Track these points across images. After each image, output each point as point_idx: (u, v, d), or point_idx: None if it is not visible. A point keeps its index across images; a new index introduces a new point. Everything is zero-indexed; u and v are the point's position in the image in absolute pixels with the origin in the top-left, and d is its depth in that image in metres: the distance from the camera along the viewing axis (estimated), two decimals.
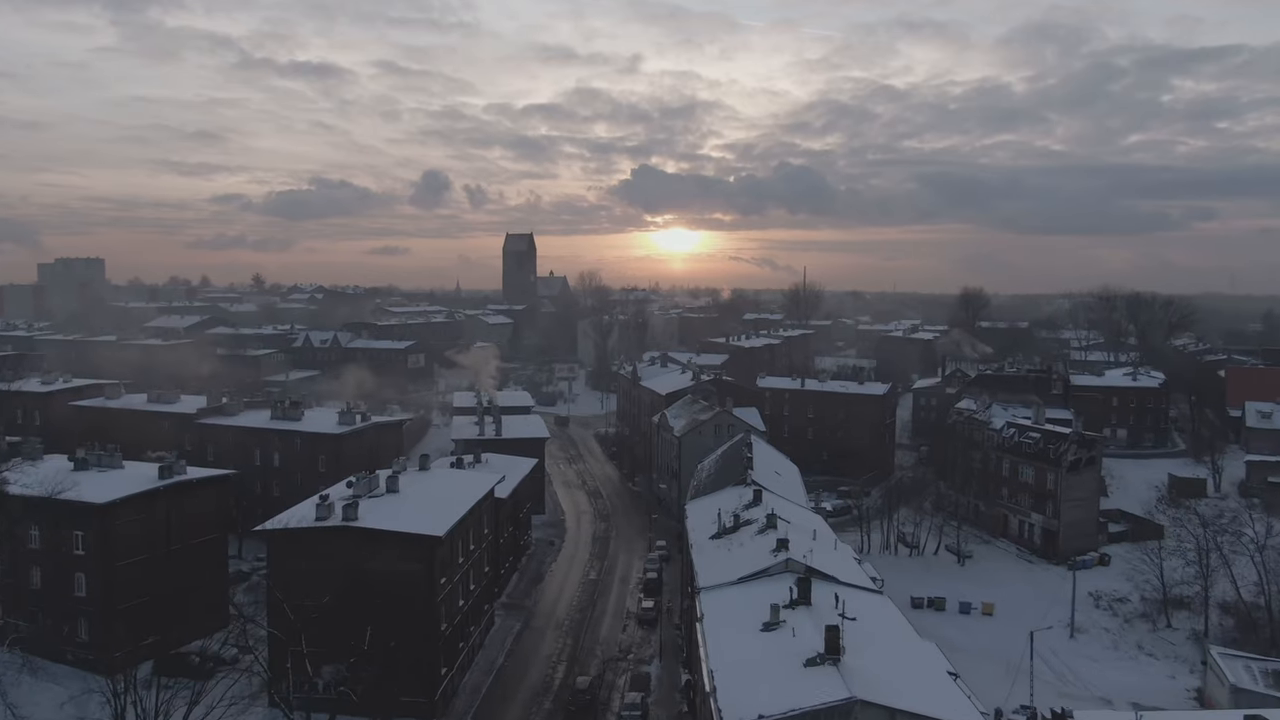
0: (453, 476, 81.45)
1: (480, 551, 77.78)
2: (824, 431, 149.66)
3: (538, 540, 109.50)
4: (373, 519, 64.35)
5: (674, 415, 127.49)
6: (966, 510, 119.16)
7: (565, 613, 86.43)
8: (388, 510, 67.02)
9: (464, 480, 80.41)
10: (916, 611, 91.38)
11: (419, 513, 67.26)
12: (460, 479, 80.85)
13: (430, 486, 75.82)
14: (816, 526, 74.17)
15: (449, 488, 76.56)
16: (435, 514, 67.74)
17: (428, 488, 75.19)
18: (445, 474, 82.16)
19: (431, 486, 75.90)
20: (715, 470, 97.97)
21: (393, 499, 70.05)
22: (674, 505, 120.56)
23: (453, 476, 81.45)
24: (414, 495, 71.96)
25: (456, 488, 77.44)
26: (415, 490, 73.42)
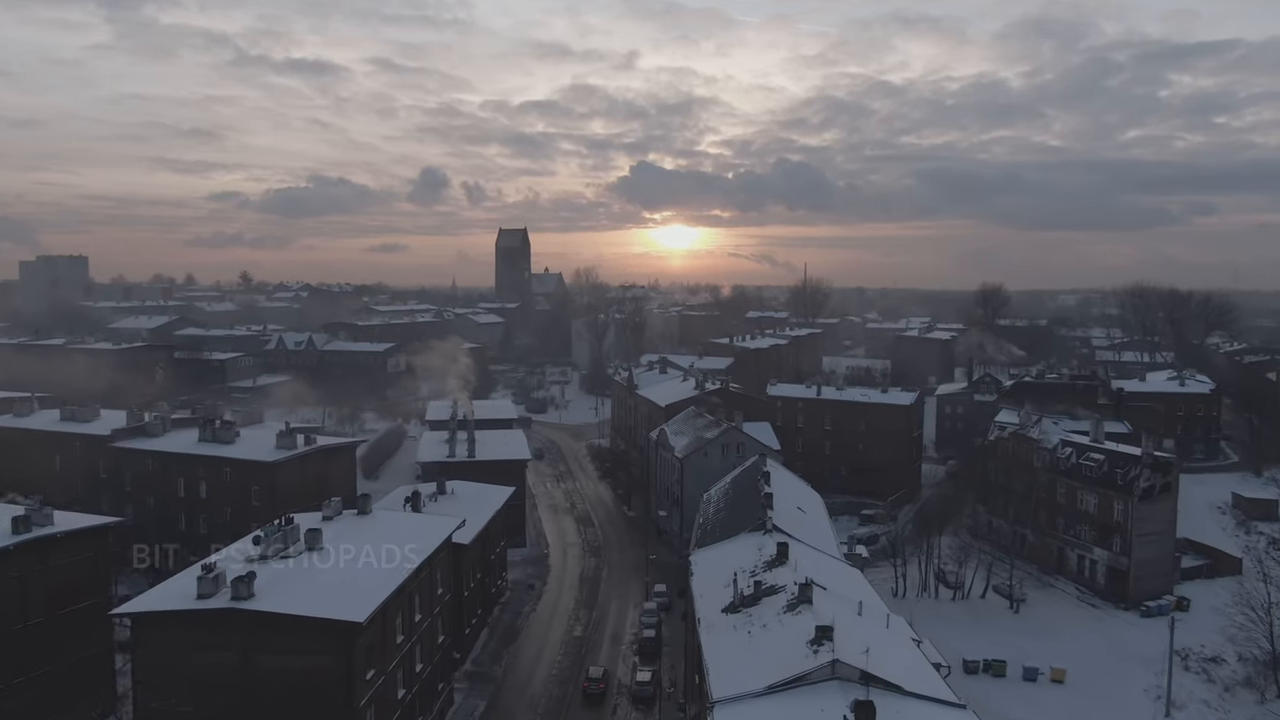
0: (397, 524, 65.18)
1: (431, 620, 61.55)
2: (843, 445, 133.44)
3: (515, 582, 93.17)
4: (274, 597, 48.09)
5: (675, 431, 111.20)
6: (1012, 541, 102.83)
7: (542, 686, 70.16)
8: (298, 582, 50.74)
9: (411, 529, 64.13)
10: (971, 678, 75.20)
11: (341, 585, 51.05)
12: (406, 527, 64.58)
13: (365, 540, 59.50)
14: (861, 594, 57.99)
15: (389, 540, 60.24)
16: (363, 585, 51.50)
17: (361, 543, 58.87)
18: (389, 519, 65.94)
19: (367, 540, 59.59)
20: (725, 502, 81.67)
21: (310, 563, 53.73)
22: (675, 538, 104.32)
23: (397, 524, 65.18)
24: (341, 555, 55.65)
25: (400, 539, 61.10)
26: (344, 547, 57.10)
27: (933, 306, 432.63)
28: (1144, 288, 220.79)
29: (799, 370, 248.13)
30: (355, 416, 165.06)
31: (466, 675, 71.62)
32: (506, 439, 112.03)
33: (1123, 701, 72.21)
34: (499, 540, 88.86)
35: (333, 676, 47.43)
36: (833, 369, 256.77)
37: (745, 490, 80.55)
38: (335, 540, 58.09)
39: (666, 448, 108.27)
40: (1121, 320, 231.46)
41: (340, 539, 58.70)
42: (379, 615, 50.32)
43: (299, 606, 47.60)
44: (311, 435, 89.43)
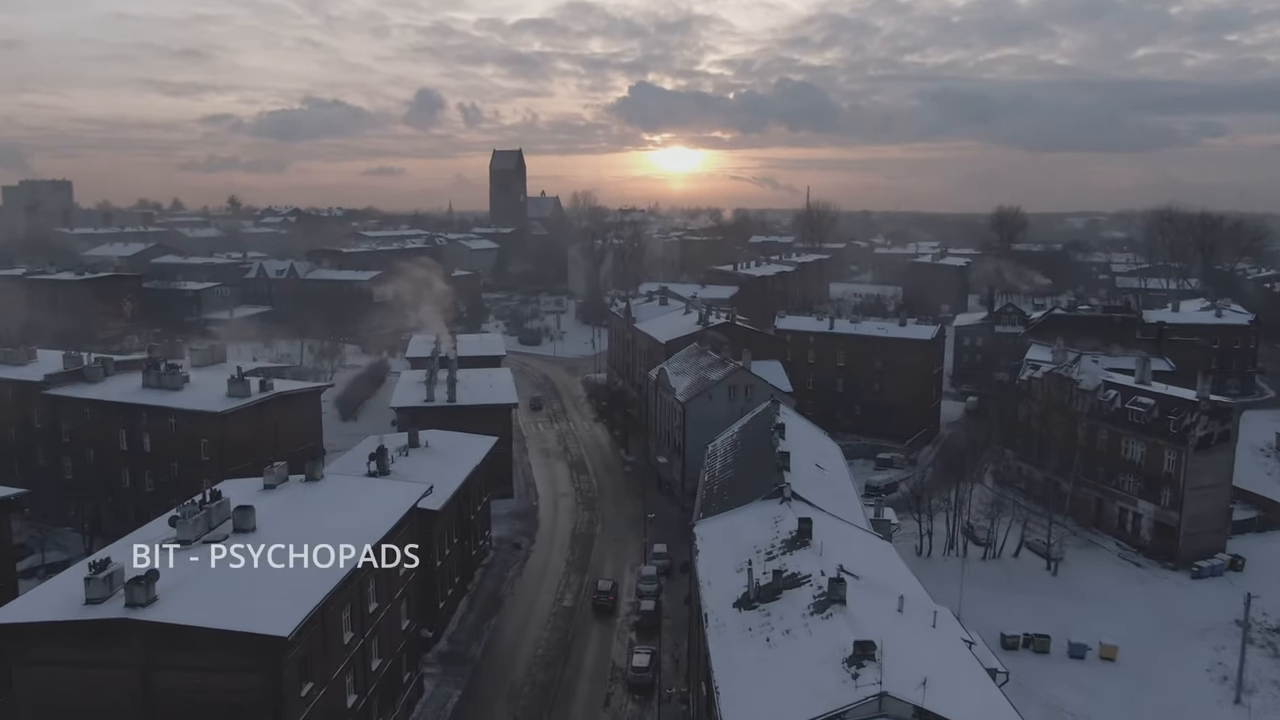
0: (352, 493, 55.62)
1: (392, 606, 52.55)
2: (857, 383, 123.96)
3: (501, 541, 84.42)
4: (182, 602, 38.84)
5: (676, 371, 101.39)
6: (1045, 491, 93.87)
7: (524, 670, 61.64)
8: (216, 580, 41.43)
9: (368, 500, 54.67)
10: (1010, 655, 66.71)
11: (270, 582, 41.71)
12: (362, 497, 55.06)
13: (310, 517, 50.14)
14: (897, 579, 48.96)
15: (340, 517, 50.88)
16: (298, 583, 42.19)
17: (306, 520, 49.55)
18: (342, 488, 56.36)
19: (312, 517, 50.22)
20: (733, 457, 72.25)
21: (237, 551, 44.28)
22: (676, 487, 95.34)
23: (352, 493, 55.62)
24: (278, 539, 46.22)
25: (353, 514, 51.82)
26: (283, 527, 47.77)
27: (938, 230, 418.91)
28: (1173, 211, 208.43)
29: (805, 298, 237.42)
30: (335, 351, 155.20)
31: (440, 656, 63.13)
32: (492, 380, 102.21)
33: (1183, 683, 63.91)
34: (481, 496, 79.80)
35: (256, 698, 38.42)
36: (840, 297, 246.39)
37: (756, 444, 71.02)
38: (273, 519, 48.69)
39: (667, 389, 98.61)
40: (1146, 245, 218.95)
41: (280, 517, 49.31)
42: (316, 620, 41.12)
43: (211, 615, 38.28)
44: (269, 380, 79.52)
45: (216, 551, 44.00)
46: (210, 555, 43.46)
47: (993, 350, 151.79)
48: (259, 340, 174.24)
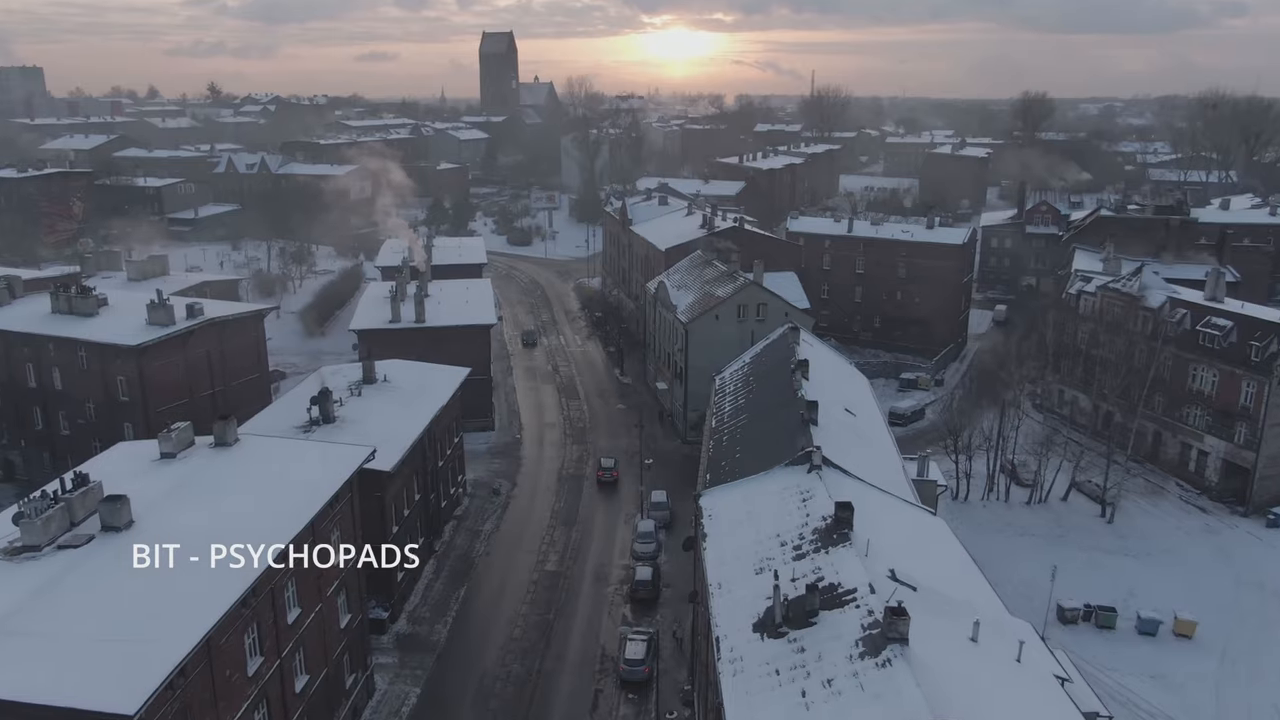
0: (272, 462, 44.24)
1: (323, 606, 42.05)
2: (878, 293, 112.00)
3: (477, 485, 74.01)
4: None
5: (677, 284, 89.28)
6: (1092, 421, 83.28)
7: (497, 659, 51.77)
8: (59, 616, 30.50)
9: (293, 470, 43.40)
10: (1069, 630, 57.14)
11: (135, 615, 30.89)
12: (286, 468, 43.74)
13: (211, 502, 39.07)
14: (963, 582, 38.24)
15: (252, 499, 39.75)
16: (174, 612, 31.34)
17: (204, 507, 38.50)
18: (261, 455, 44.96)
19: (214, 501, 39.15)
20: (746, 399, 60.89)
21: (99, 561, 33.37)
22: (678, 417, 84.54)
23: (272, 462, 44.24)
24: (162, 537, 35.36)
25: (270, 496, 40.69)
26: (170, 521, 36.86)
27: (951, 118, 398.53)
28: (1218, 95, 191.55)
29: (814, 193, 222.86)
30: (306, 255, 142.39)
31: (398, 641, 53.23)
32: (470, 295, 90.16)
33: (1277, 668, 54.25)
34: (452, 437, 68.94)
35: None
36: (851, 191, 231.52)
37: (773, 383, 59.58)
38: (158, 508, 37.72)
39: (667, 305, 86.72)
40: (1186, 134, 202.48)
41: (168, 505, 38.31)
42: (194, 667, 30.45)
43: (33, 681, 27.44)
44: (197, 305, 67.41)
45: (73, 563, 33.08)
46: (61, 567, 32.52)
47: (1022, 253, 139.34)
48: (226, 242, 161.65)
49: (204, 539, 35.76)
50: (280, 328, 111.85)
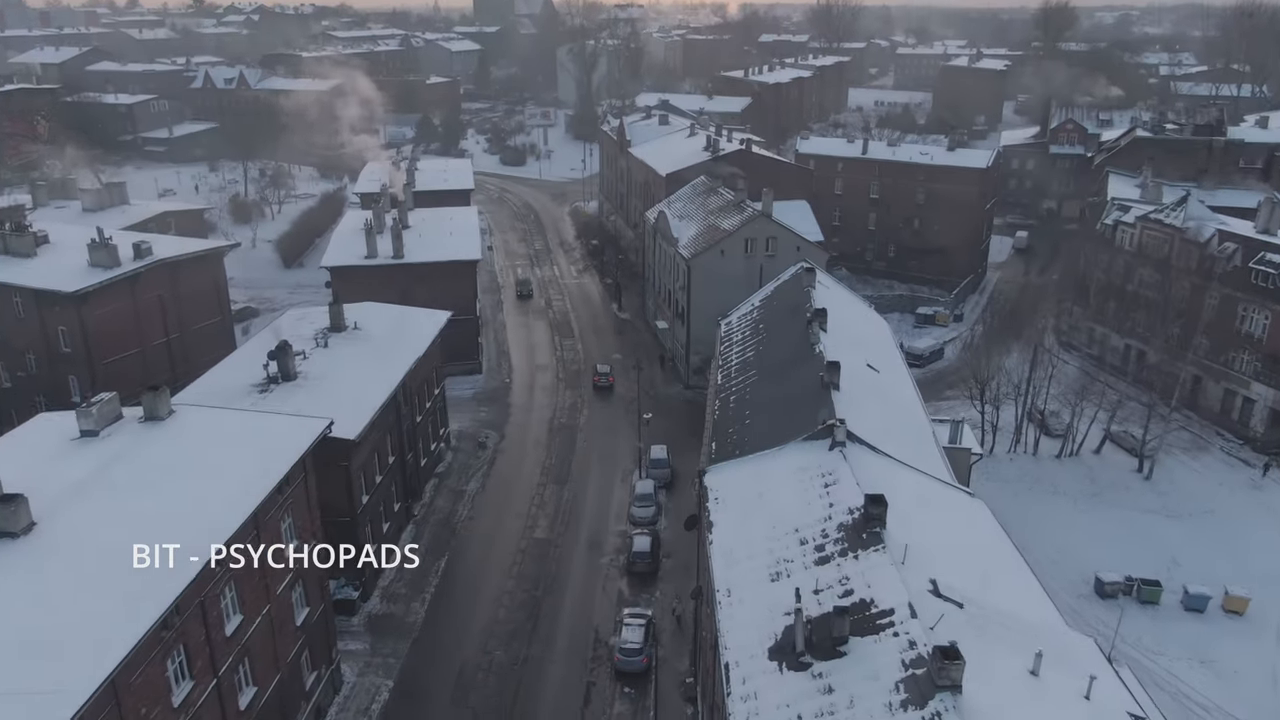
0: (211, 439, 38.20)
1: (275, 606, 36.63)
2: (894, 220, 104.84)
3: (461, 437, 68.40)
4: None
5: (679, 214, 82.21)
6: (1124, 361, 77.47)
7: (479, 645, 46.76)
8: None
9: (235, 448, 37.41)
10: (1108, 606, 52.04)
11: (27, 648, 25.26)
12: (228, 444, 37.76)
13: (131, 494, 33.27)
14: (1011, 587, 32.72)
15: (182, 487, 33.91)
16: (74, 646, 25.76)
17: (122, 500, 32.73)
18: (197, 430, 38.91)
19: (135, 492, 33.35)
20: (756, 349, 54.68)
21: None
22: (678, 358, 78.54)
23: (211, 439, 38.20)
24: (68, 543, 29.66)
25: (204, 483, 34.80)
26: (79, 521, 31.10)
27: (961, 27, 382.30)
28: (1254, 4, 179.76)
29: (823, 108, 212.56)
30: (284, 179, 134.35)
31: (369, 623, 48.18)
32: (455, 226, 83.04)
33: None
34: (433, 388, 63.01)
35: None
36: (860, 106, 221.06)
37: (787, 333, 53.34)
38: (66, 506, 31.90)
39: (668, 238, 79.81)
40: (1221, 45, 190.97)
41: (79, 500, 32.48)
42: (103, 706, 25.04)
43: None
44: (145, 244, 60.51)
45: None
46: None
47: (1045, 175, 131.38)
48: (203, 163, 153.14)
49: (120, 543, 30.18)
50: (255, 258, 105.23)
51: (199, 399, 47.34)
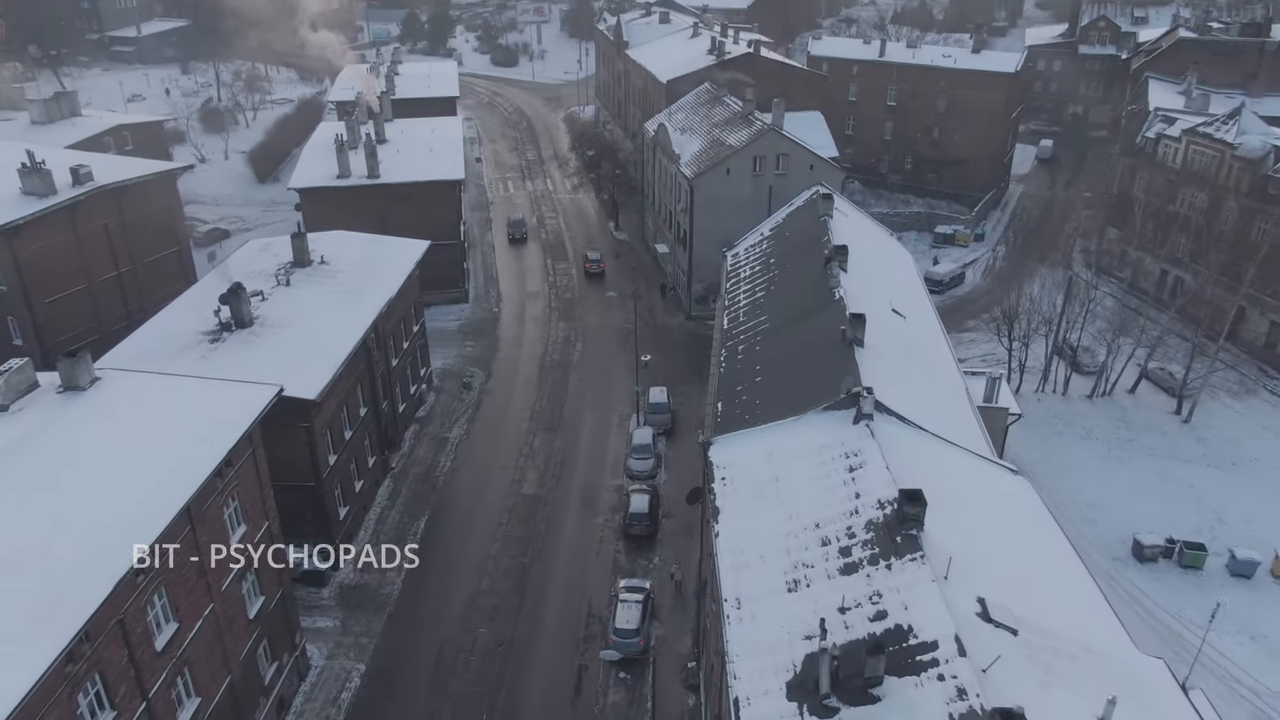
0: (139, 412, 32.98)
1: (221, 605, 32.08)
2: (912, 129, 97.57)
3: (445, 377, 63.39)
4: None
5: (681, 126, 75.33)
6: (1158, 288, 71.97)
7: (459, 620, 42.68)
8: None
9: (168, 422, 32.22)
10: (1147, 571, 47.88)
11: None
12: (159, 418, 32.55)
13: (42, 482, 28.31)
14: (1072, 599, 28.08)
15: (104, 476, 28.93)
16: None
17: (26, 494, 27.81)
18: (123, 401, 33.65)
19: (47, 481, 28.36)
20: (768, 289, 49.05)
21: None
22: (679, 285, 72.97)
23: (139, 412, 32.98)
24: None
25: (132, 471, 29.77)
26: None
27: None
28: None
29: (832, 2, 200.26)
30: (259, 82, 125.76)
31: (340, 596, 44.01)
32: (436, 139, 76.18)
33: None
34: (411, 327, 57.61)
35: None
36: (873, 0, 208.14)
37: (801, 273, 47.62)
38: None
39: (669, 154, 73.13)
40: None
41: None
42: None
43: None
44: (83, 168, 54.05)
45: None
46: None
47: (1073, 78, 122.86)
48: (174, 64, 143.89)
49: (15, 554, 25.34)
50: (227, 173, 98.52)
51: (139, 353, 42.25)
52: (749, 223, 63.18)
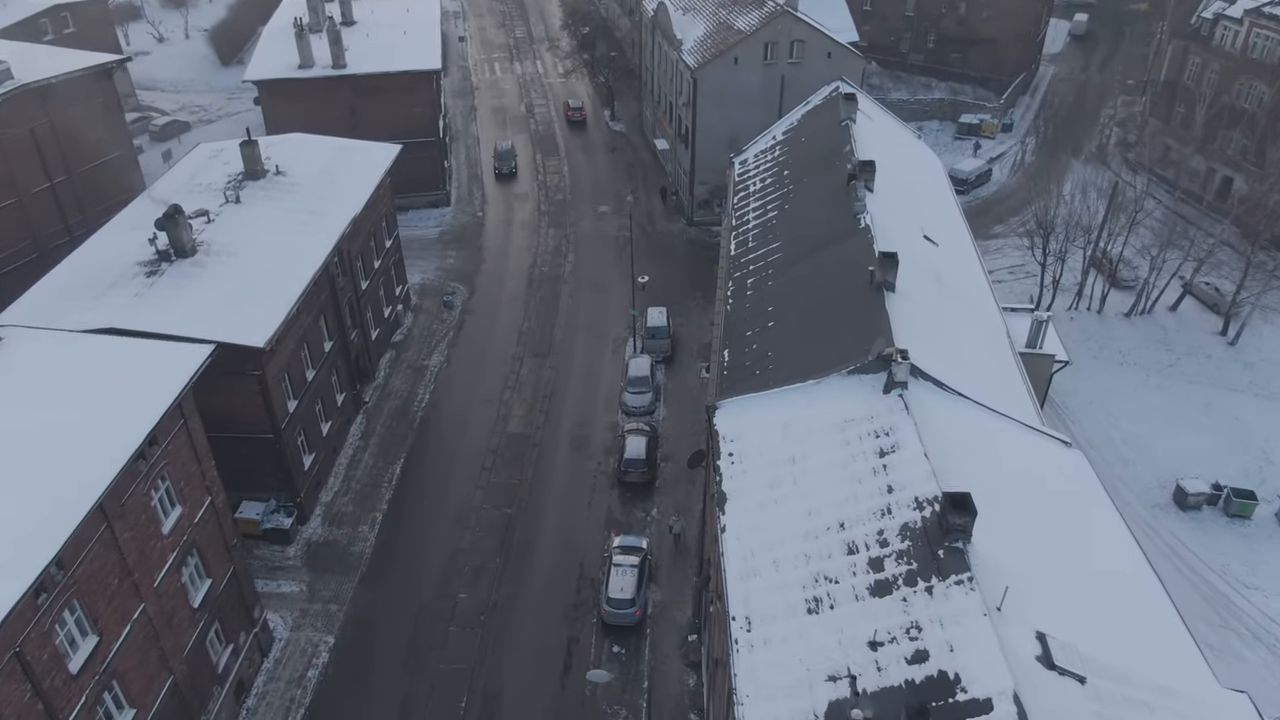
0: (51, 381, 27.97)
1: (154, 610, 27.99)
2: (935, 3, 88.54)
3: (424, 293, 58.13)
4: None
5: (683, 7, 67.60)
6: (1204, 188, 65.84)
7: (438, 582, 38.90)
8: None
9: (78, 401, 27.35)
10: (1190, 519, 43.92)
11: None
12: (70, 391, 27.63)
13: None
14: (1162, 654, 23.63)
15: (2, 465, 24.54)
16: None
17: None
18: (30, 368, 28.54)
19: None
20: (780, 207, 43.31)
21: None
22: (682, 190, 66.79)
23: (51, 381, 27.97)
24: None
25: (35, 459, 25.11)
26: None
27: None
28: None
29: None
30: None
31: (307, 554, 40.16)
32: (411, 23, 68.33)
33: None
34: (383, 241, 51.97)
35: None
36: None
37: (820, 190, 41.79)
38: None
39: (670, 37, 65.62)
40: None
41: None
42: None
43: None
44: (1, 66, 47.19)
45: None
46: None
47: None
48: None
49: None
50: (188, 54, 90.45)
51: (65, 287, 37.30)
52: (759, 120, 56.91)
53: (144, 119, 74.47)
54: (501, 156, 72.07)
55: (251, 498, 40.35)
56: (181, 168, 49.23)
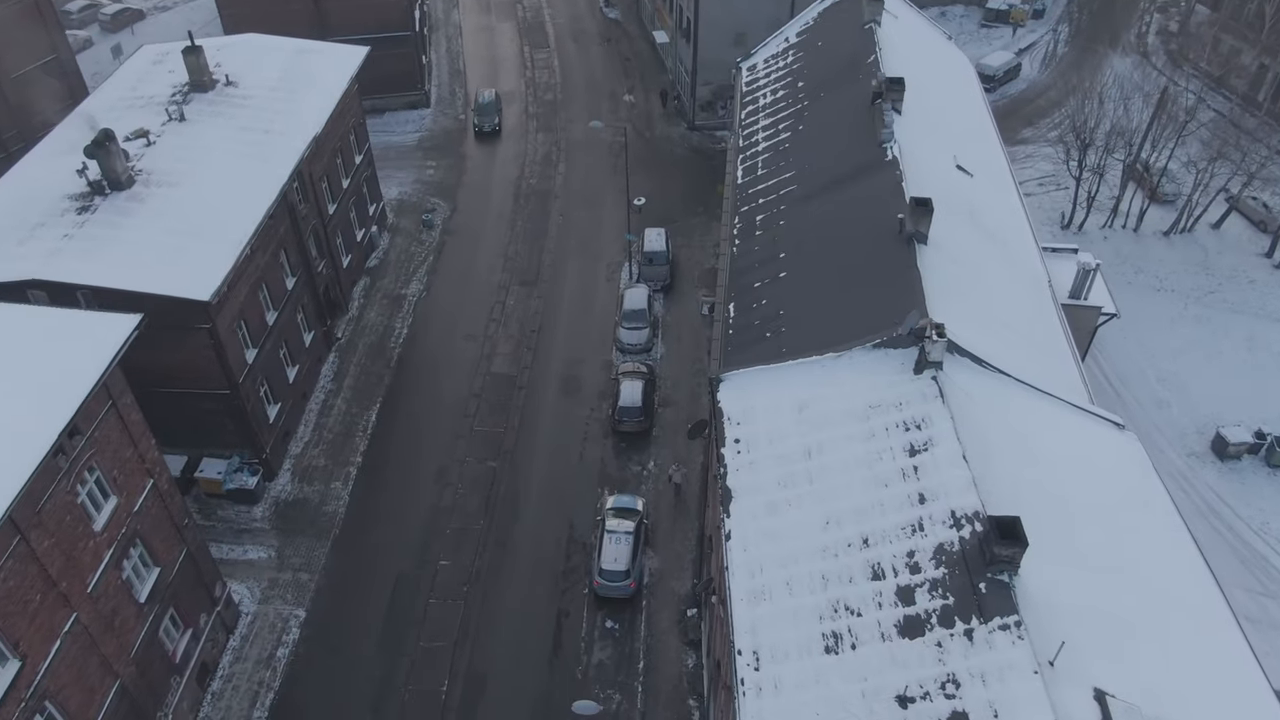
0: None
1: (93, 617, 24.95)
2: None
3: (401, 210, 53.43)
4: None
5: None
6: (1251, 87, 60.26)
7: (419, 547, 35.92)
8: None
9: None
10: (1229, 470, 40.87)
11: None
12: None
13: None
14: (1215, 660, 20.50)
15: None
16: None
17: None
18: None
19: None
20: (792, 129, 38.39)
21: None
22: (684, 90, 61.19)
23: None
24: None
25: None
26: None
27: None
28: None
29: None
30: None
31: (275, 515, 37.13)
32: None
33: None
34: (353, 158, 47.07)
35: None
36: None
37: (840, 111, 36.79)
38: None
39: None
40: None
41: None
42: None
43: None
44: None
45: None
46: None
47: None
48: None
49: None
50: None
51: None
52: (768, 15, 51.42)
53: (92, 6, 67.83)
54: (482, 110, 59.05)
55: (214, 454, 37.08)
56: (121, 76, 43.89)
